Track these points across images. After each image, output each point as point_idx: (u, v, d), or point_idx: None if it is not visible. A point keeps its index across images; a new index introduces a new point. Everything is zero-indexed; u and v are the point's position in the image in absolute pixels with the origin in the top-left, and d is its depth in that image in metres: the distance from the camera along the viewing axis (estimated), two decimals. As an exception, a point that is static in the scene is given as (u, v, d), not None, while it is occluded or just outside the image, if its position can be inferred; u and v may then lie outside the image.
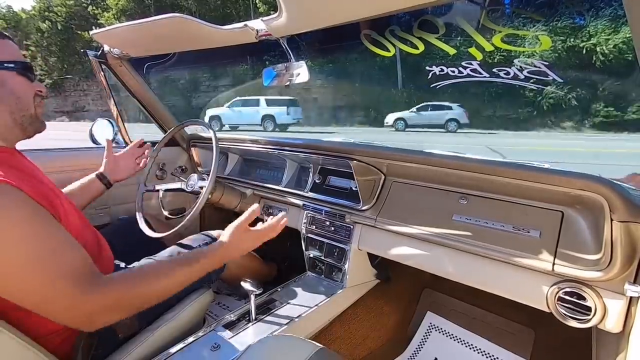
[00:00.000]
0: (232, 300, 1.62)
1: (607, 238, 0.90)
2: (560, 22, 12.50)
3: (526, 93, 14.06)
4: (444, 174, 1.22)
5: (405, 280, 1.72)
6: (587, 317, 0.96)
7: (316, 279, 1.52)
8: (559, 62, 12.66)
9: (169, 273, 0.88)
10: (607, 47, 12.23)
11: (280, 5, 0.98)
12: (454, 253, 1.18)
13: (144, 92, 1.84)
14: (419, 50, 1.16)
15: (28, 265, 0.69)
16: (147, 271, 0.86)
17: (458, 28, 1.09)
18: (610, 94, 12.67)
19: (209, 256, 0.98)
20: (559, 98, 13.05)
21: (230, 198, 1.70)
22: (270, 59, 1.50)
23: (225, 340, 1.09)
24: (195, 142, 2.06)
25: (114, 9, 27.42)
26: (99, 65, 1.68)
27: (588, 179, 0.94)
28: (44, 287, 0.71)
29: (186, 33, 1.28)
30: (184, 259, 0.95)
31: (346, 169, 1.45)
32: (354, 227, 1.44)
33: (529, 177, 1.04)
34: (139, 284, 0.82)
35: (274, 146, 1.68)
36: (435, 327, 1.62)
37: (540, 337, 1.46)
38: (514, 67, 1.15)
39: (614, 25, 11.92)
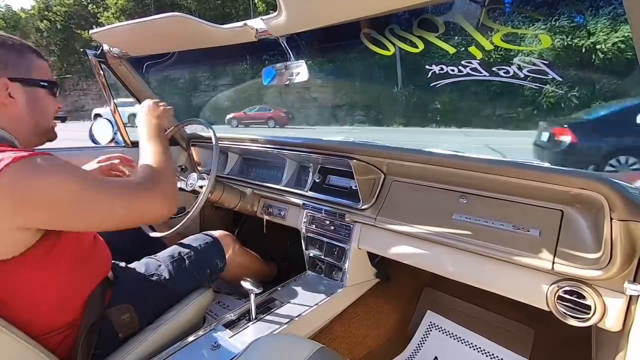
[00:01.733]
0: (232, 299, 1.62)
1: (606, 237, 0.90)
2: (559, 21, 12.50)
3: (526, 92, 14.05)
4: (443, 173, 1.22)
5: (405, 279, 1.72)
6: (586, 315, 0.96)
7: (316, 278, 1.52)
8: (558, 61, 12.65)
9: (156, 157, 1.06)
10: (606, 46, 12.22)
11: (280, 5, 0.98)
12: (453, 252, 1.19)
13: (144, 91, 1.84)
14: (418, 49, 1.15)
15: (102, 194, 0.84)
16: (150, 164, 1.03)
17: (458, 27, 1.08)
18: (610, 92, 12.66)
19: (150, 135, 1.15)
20: (558, 97, 13.04)
21: (230, 197, 1.70)
22: (270, 59, 1.50)
23: (225, 339, 1.09)
24: (195, 141, 2.05)
25: (113, 8, 27.39)
26: (99, 64, 1.67)
27: (588, 177, 0.94)
28: (124, 200, 0.87)
29: (186, 32, 1.28)
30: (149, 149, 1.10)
31: (346, 168, 1.45)
32: (354, 226, 1.44)
33: (529, 176, 1.04)
34: (157, 169, 1.01)
35: (274, 145, 1.68)
36: (435, 325, 1.62)
37: (540, 336, 1.46)
38: (514, 65, 1.15)
39: (614, 24, 11.91)
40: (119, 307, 1.06)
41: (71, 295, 0.95)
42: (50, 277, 0.89)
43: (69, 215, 0.81)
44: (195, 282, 1.29)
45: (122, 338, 1.05)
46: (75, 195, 0.79)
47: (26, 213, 0.76)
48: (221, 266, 1.39)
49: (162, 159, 1.05)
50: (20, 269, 0.82)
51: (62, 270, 0.91)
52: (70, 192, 0.79)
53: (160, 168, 1.02)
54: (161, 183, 0.96)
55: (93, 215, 0.84)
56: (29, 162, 0.76)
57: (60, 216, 0.80)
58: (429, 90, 14.88)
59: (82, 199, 0.80)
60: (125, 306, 1.07)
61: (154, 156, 1.06)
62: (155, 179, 0.97)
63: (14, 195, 0.73)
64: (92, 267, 1.02)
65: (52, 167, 0.78)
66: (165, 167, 1.03)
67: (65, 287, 0.93)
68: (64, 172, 0.79)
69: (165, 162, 1.05)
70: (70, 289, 0.94)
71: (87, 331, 0.96)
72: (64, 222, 0.83)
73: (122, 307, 1.06)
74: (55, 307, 0.92)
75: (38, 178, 0.75)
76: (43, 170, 0.76)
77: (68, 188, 0.79)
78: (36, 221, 0.79)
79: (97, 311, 0.99)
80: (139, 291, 1.14)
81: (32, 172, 0.75)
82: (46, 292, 0.89)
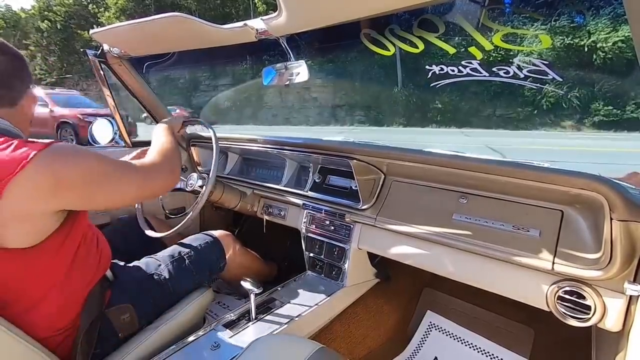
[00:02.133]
0: (232, 299, 1.62)
1: (606, 237, 0.90)
2: (559, 22, 12.49)
3: (526, 92, 14.05)
4: (443, 173, 1.22)
5: (405, 279, 1.72)
6: (586, 316, 0.96)
7: (316, 278, 1.52)
8: (558, 61, 12.65)
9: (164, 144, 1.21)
10: (606, 46, 12.22)
11: (280, 5, 0.98)
12: (453, 252, 1.18)
13: (144, 91, 1.84)
14: (418, 49, 1.16)
15: (118, 171, 0.95)
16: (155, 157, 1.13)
17: (458, 27, 1.08)
18: (610, 92, 12.66)
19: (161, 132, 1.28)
20: (558, 97, 13.04)
21: (230, 197, 1.70)
22: (270, 59, 1.50)
23: (225, 339, 1.09)
24: (195, 141, 2.05)
25: (113, 8, 27.36)
26: (99, 64, 1.67)
27: (588, 178, 0.94)
28: (139, 176, 1.00)
29: (186, 32, 1.28)
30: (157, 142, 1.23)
31: (346, 168, 1.45)
32: (354, 227, 1.44)
33: (529, 176, 1.04)
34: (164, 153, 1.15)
35: (274, 145, 1.68)
36: (435, 326, 1.62)
37: (540, 336, 1.46)
38: (514, 66, 1.15)
39: (613, 24, 11.91)
40: (119, 307, 1.06)
41: (71, 294, 0.95)
42: (56, 271, 0.91)
43: (95, 192, 0.90)
44: (195, 282, 1.29)
45: (122, 338, 1.06)
46: (100, 173, 0.90)
47: (61, 194, 0.83)
48: (221, 266, 1.39)
49: (168, 144, 1.21)
50: (35, 260, 0.86)
51: (66, 265, 0.93)
52: (97, 170, 0.89)
53: (166, 149, 1.17)
54: (168, 162, 1.12)
55: (114, 191, 0.94)
56: (57, 148, 0.84)
57: (90, 193, 0.89)
58: (429, 90, 14.87)
59: (106, 176, 0.91)
60: (125, 306, 1.07)
61: (162, 143, 1.20)
62: (163, 159, 1.12)
63: (51, 179, 0.80)
64: (93, 264, 1.02)
65: (76, 151, 0.88)
66: (171, 149, 1.19)
67: (67, 284, 0.93)
68: (87, 155, 0.89)
69: (171, 144, 1.21)
70: (71, 286, 0.95)
71: (87, 331, 0.96)
72: (92, 198, 0.91)
73: (122, 307, 1.06)
74: (56, 306, 0.92)
75: (68, 161, 0.84)
76: (71, 154, 0.85)
77: (94, 167, 0.89)
78: (68, 201, 0.87)
79: (96, 310, 1.00)
80: (138, 291, 1.14)
81: (62, 156, 0.83)
82: (49, 289, 0.90)
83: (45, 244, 0.86)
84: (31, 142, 0.85)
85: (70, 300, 0.95)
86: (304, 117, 19.40)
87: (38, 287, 0.89)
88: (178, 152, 1.23)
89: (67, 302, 0.94)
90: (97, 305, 1.01)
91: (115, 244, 1.18)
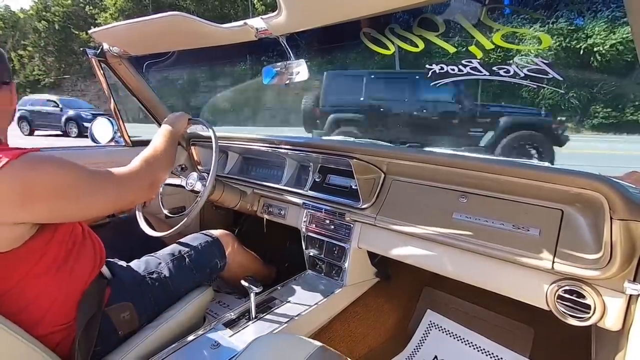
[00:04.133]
0: (232, 298, 1.62)
1: (606, 236, 0.90)
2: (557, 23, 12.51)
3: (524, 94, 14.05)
4: (443, 173, 1.22)
5: (405, 278, 1.72)
6: (586, 315, 0.96)
7: (316, 277, 1.52)
8: (557, 63, 12.66)
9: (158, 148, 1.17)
10: (604, 48, 12.24)
11: (280, 4, 0.98)
12: (453, 251, 1.19)
13: (144, 90, 1.83)
14: (419, 48, 1.16)
15: (93, 182, 0.90)
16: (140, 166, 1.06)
17: (458, 26, 1.08)
18: (609, 95, 12.67)
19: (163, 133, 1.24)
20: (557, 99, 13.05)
21: (230, 197, 1.70)
22: (269, 59, 1.50)
23: (225, 338, 1.09)
24: (195, 140, 2.05)
25: (111, 9, 27.33)
26: (99, 64, 1.67)
27: (588, 177, 0.94)
28: (114, 186, 0.95)
29: (186, 31, 1.28)
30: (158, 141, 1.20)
31: (346, 167, 1.45)
32: (354, 226, 1.44)
33: (529, 175, 1.04)
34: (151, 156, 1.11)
35: (274, 145, 1.68)
36: (435, 325, 1.62)
37: (539, 335, 1.46)
38: (514, 65, 1.15)
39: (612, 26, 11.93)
40: (119, 305, 1.06)
41: (67, 292, 0.95)
42: (47, 271, 0.90)
43: (66, 206, 0.86)
44: (195, 280, 1.29)
45: (122, 336, 1.05)
46: (73, 186, 0.85)
47: (31, 206, 0.79)
48: (221, 265, 1.39)
49: (162, 151, 1.16)
50: (19, 262, 0.84)
51: (56, 266, 0.92)
52: (70, 182, 0.85)
53: (157, 157, 1.12)
54: (151, 173, 1.07)
55: (88, 205, 0.90)
56: (30, 158, 0.80)
57: (60, 207, 0.85)
58: (428, 90, 14.83)
59: (79, 189, 0.86)
60: (125, 304, 1.07)
61: (155, 149, 1.16)
62: (148, 168, 1.07)
63: (19, 189, 0.76)
64: (87, 263, 1.02)
65: (51, 162, 0.83)
66: (163, 157, 1.15)
67: (61, 281, 0.93)
68: (62, 166, 0.84)
69: (166, 151, 1.17)
70: (65, 285, 0.94)
71: (86, 329, 0.96)
72: (64, 212, 0.87)
73: (122, 305, 1.06)
74: (52, 304, 0.92)
75: (40, 171, 0.80)
76: (44, 165, 0.81)
77: (67, 178, 0.84)
78: (39, 214, 0.83)
79: (93, 309, 0.99)
80: (139, 289, 1.14)
81: (34, 167, 0.79)
82: (43, 288, 0.90)
83: (27, 248, 0.85)
84: (6, 148, 0.82)
85: (66, 299, 0.95)
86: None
87: (29, 287, 0.88)
88: (170, 160, 1.20)
89: (62, 300, 0.94)
90: (96, 303, 1.01)
91: (115, 243, 1.18)
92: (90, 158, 1.67)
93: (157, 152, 1.14)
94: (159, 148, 1.17)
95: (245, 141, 1.80)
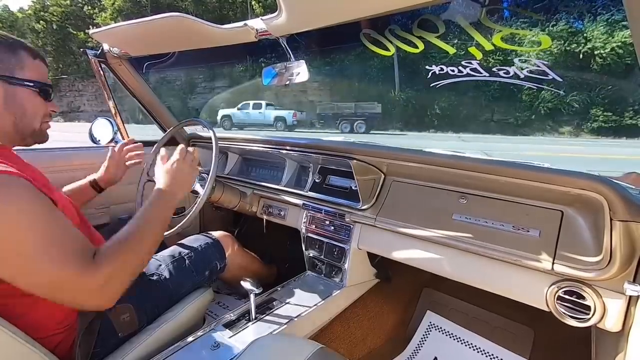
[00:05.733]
0: (232, 299, 1.62)
1: (606, 237, 0.90)
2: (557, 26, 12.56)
3: (524, 97, 14.10)
4: (443, 174, 1.22)
5: (405, 279, 1.72)
6: (586, 316, 0.96)
7: (316, 278, 1.52)
8: (557, 65, 12.71)
9: (144, 234, 0.92)
10: (604, 52, 12.29)
11: (280, 5, 0.98)
12: (453, 252, 1.19)
13: (144, 91, 1.83)
14: (418, 49, 1.16)
15: (37, 253, 0.72)
16: (129, 239, 0.89)
17: (458, 27, 1.09)
18: (608, 98, 12.73)
19: (160, 205, 1.03)
20: (557, 102, 13.10)
21: (230, 197, 1.70)
22: (268, 61, 1.50)
23: (225, 339, 1.09)
24: (195, 141, 2.05)
25: (110, 9, 27.33)
26: (99, 64, 1.67)
27: (588, 178, 0.94)
28: (53, 272, 0.73)
29: (186, 32, 1.28)
30: (148, 218, 0.96)
31: (346, 168, 1.45)
32: (354, 227, 1.44)
33: (529, 176, 1.04)
34: (129, 250, 0.87)
35: (274, 145, 1.68)
36: (435, 326, 1.62)
37: (539, 336, 1.47)
38: (514, 66, 1.15)
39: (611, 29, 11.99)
40: (119, 307, 1.05)
41: None
42: None
43: None
44: (195, 282, 1.28)
45: (122, 337, 1.05)
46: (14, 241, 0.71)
47: None
48: (221, 267, 1.39)
49: (153, 241, 0.94)
50: None
51: None
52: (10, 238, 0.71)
53: (136, 246, 0.89)
54: (120, 268, 0.82)
55: (16, 268, 0.73)
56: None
57: None
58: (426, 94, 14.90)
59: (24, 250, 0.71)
60: (125, 306, 1.07)
61: (143, 227, 0.93)
62: (117, 260, 0.82)
63: None
64: None
65: (6, 201, 0.71)
66: (142, 248, 0.91)
67: None
68: (13, 211, 0.71)
69: (149, 240, 0.93)
70: None
71: (86, 330, 0.96)
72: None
73: (122, 307, 1.06)
74: (54, 306, 0.91)
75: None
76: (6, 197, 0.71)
77: (9, 234, 0.71)
78: None
79: (93, 311, 0.98)
80: (138, 290, 1.13)
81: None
82: None
83: None
84: None
85: None
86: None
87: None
88: (152, 250, 0.95)
89: None
90: None
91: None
92: (90, 158, 1.67)
93: (140, 237, 0.91)
94: (144, 233, 0.92)
95: (245, 142, 1.80)
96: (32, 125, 0.94)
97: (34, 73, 0.92)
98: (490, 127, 14.70)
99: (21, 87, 0.89)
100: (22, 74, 0.89)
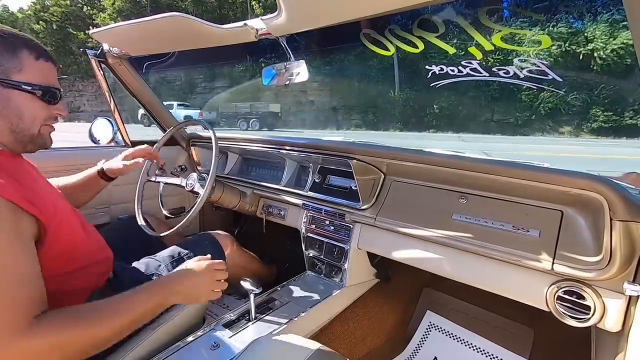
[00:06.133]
0: (232, 299, 1.62)
1: (606, 237, 0.90)
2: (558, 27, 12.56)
3: (524, 97, 14.09)
4: (443, 173, 1.22)
5: (405, 279, 1.72)
6: (586, 316, 0.96)
7: (316, 278, 1.52)
8: (557, 66, 12.71)
9: (117, 314, 0.82)
10: (605, 53, 12.29)
11: (280, 4, 0.98)
12: (453, 252, 1.19)
13: (144, 91, 1.83)
14: (418, 49, 1.16)
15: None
16: (93, 315, 0.79)
17: (458, 27, 1.09)
18: (608, 98, 12.73)
19: (153, 292, 0.94)
20: (557, 102, 13.09)
21: (230, 197, 1.70)
22: (268, 61, 1.50)
23: (224, 339, 1.09)
24: (195, 141, 2.05)
25: (109, 10, 27.33)
26: (99, 64, 1.67)
27: (588, 178, 0.94)
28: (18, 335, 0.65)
29: (186, 32, 1.28)
30: (131, 298, 0.89)
31: (346, 168, 1.45)
32: (354, 227, 1.44)
33: (529, 176, 1.04)
34: (87, 326, 0.76)
35: (274, 145, 1.68)
36: (435, 326, 1.62)
37: (539, 336, 1.47)
38: (514, 66, 1.15)
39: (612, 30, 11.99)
40: None
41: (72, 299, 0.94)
42: (55, 274, 0.88)
43: None
44: None
45: (121, 338, 1.04)
46: None
47: None
48: None
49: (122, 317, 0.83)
50: None
51: (63, 272, 0.91)
52: None
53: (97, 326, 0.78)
54: (64, 343, 0.72)
55: None
56: None
57: None
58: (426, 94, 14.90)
59: None
60: None
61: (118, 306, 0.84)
62: (63, 333, 0.72)
63: None
64: (95, 270, 1.01)
65: None
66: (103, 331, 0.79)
67: (65, 292, 0.92)
68: None
69: (117, 324, 0.82)
70: (70, 293, 0.94)
71: None
72: None
73: None
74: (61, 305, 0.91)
75: None
76: None
77: None
78: None
79: None
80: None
81: None
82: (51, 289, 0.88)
83: None
84: None
85: (72, 302, 0.94)
86: (300, 120, 19.42)
87: None
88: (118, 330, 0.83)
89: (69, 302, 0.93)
90: None
91: (114, 243, 1.17)
92: (90, 158, 1.67)
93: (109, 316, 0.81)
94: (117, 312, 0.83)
95: (245, 142, 1.80)
96: (29, 131, 0.88)
97: (35, 75, 0.86)
98: (490, 127, 14.72)
99: (17, 91, 0.83)
100: (19, 77, 0.83)
